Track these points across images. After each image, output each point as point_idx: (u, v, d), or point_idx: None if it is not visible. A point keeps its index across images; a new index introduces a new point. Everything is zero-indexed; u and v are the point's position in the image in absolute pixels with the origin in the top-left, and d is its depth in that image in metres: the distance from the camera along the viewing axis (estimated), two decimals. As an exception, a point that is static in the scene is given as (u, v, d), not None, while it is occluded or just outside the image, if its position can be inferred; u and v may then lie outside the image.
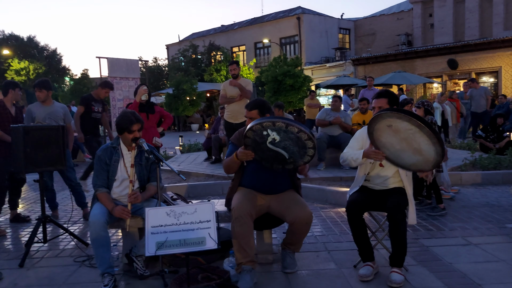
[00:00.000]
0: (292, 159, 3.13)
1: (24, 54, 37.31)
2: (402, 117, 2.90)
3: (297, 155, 3.10)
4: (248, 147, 3.13)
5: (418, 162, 3.02)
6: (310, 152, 3.06)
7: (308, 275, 3.28)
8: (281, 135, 2.97)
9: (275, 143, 3.01)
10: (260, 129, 2.98)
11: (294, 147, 3.04)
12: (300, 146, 3.02)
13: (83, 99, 6.02)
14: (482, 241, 3.83)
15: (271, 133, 2.97)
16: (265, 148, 3.07)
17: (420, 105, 5.15)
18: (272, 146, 3.03)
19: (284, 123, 2.92)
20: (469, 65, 21.51)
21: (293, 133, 2.95)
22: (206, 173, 7.16)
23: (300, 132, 2.93)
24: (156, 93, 29.65)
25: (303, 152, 3.07)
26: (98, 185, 3.41)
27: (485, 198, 5.43)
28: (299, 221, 3.22)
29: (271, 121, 2.94)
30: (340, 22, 31.66)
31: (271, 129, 2.96)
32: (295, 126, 2.92)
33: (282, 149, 3.05)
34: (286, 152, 3.07)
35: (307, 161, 3.16)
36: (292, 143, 3.01)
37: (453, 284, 2.98)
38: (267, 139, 3.00)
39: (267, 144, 3.03)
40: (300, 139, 2.98)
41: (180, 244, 2.72)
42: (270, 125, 2.95)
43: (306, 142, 2.99)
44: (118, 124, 3.44)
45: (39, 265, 3.74)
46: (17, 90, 4.85)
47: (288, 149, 3.05)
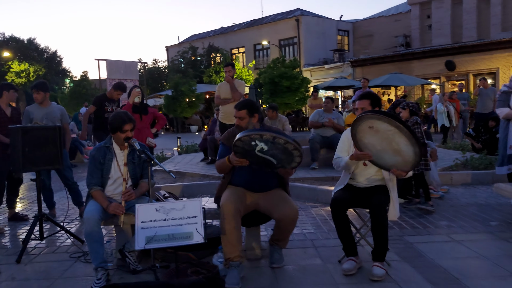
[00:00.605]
0: (280, 165, 3.26)
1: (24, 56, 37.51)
2: (382, 118, 3.03)
3: (285, 162, 3.22)
4: (238, 154, 3.25)
5: (397, 163, 3.15)
6: (297, 159, 3.18)
7: (295, 270, 3.40)
8: (269, 145, 3.09)
9: (264, 151, 3.13)
10: (248, 140, 3.10)
11: (281, 155, 3.16)
12: (287, 154, 3.15)
13: (96, 99, 6.23)
14: (466, 238, 3.95)
15: (259, 144, 3.08)
16: (254, 155, 3.19)
17: (405, 107, 5.26)
18: (260, 154, 3.16)
19: (271, 136, 3.03)
20: (466, 66, 21.63)
21: (280, 144, 3.06)
22: (201, 173, 7.28)
23: (287, 143, 3.05)
24: (155, 94, 29.83)
25: (290, 159, 3.19)
26: (93, 183, 3.54)
27: (474, 198, 5.55)
28: (285, 218, 3.34)
29: (258, 134, 3.05)
30: (338, 23, 31.81)
31: (258, 140, 3.08)
32: (281, 138, 3.03)
33: (270, 156, 3.17)
34: (274, 159, 3.20)
35: (295, 166, 3.29)
36: (279, 152, 3.13)
37: (433, 278, 3.10)
38: (255, 148, 3.13)
39: (256, 152, 3.15)
40: (287, 149, 3.10)
41: (169, 239, 2.84)
42: (257, 137, 3.06)
43: (293, 152, 3.11)
44: (110, 123, 3.56)
45: (36, 261, 3.86)
46: (12, 92, 4.98)
47: (276, 156, 3.18)
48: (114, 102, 6.15)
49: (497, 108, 5.39)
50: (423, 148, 4.95)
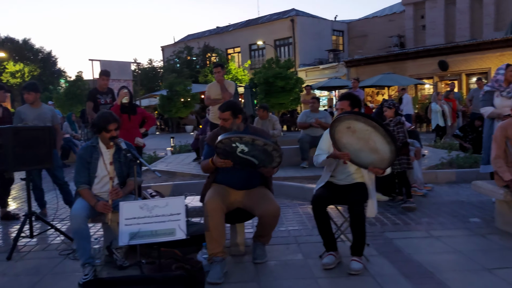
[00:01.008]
0: (262, 164, 3.38)
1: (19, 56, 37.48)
2: (359, 118, 3.16)
3: (266, 162, 3.34)
4: (220, 155, 3.36)
5: (375, 161, 3.27)
6: (277, 159, 3.30)
7: (276, 265, 3.52)
8: (249, 147, 3.20)
9: (244, 152, 3.24)
10: (229, 142, 3.21)
11: (262, 156, 3.28)
12: (267, 155, 3.27)
13: (88, 94, 6.37)
14: (444, 234, 4.07)
15: (240, 145, 3.20)
16: (236, 156, 3.30)
17: (391, 106, 5.37)
18: (242, 155, 3.27)
19: (250, 138, 3.14)
20: (459, 66, 21.80)
21: (259, 146, 3.18)
22: (192, 173, 7.39)
23: (266, 145, 3.16)
24: (150, 94, 29.88)
25: (270, 159, 3.31)
26: (80, 182, 3.64)
27: (456, 196, 5.68)
28: (267, 214, 3.45)
29: (238, 137, 3.16)
30: (333, 24, 31.99)
31: (239, 143, 3.19)
32: (260, 140, 3.14)
33: (251, 157, 3.29)
34: (256, 159, 3.31)
35: (275, 166, 3.40)
36: (259, 152, 3.25)
37: (408, 272, 3.22)
38: (236, 150, 3.24)
39: (237, 153, 3.27)
40: (266, 150, 3.21)
41: (152, 235, 2.95)
42: (237, 139, 3.18)
43: (272, 152, 3.23)
44: (95, 124, 3.66)
45: (27, 258, 3.96)
46: (2, 92, 5.07)
47: (257, 157, 3.29)
48: (107, 94, 6.26)
49: (482, 108, 5.52)
50: (401, 146, 5.08)
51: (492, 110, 5.19)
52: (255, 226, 3.70)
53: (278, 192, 6.07)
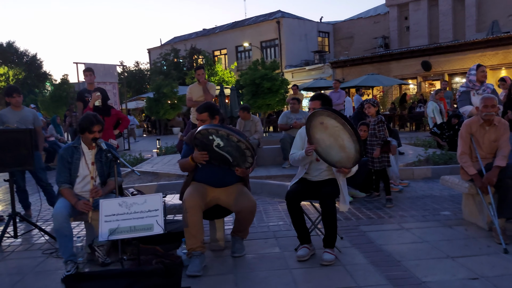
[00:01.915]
0: (235, 163, 3.52)
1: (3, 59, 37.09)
2: (330, 114, 3.32)
3: (239, 160, 3.48)
4: (198, 147, 3.50)
5: (342, 159, 3.44)
6: (249, 159, 3.45)
7: (254, 258, 3.66)
8: (224, 142, 3.35)
9: (220, 147, 3.39)
10: (206, 134, 3.35)
11: (236, 153, 3.42)
12: (240, 153, 3.41)
13: (77, 94, 6.45)
14: (414, 226, 4.26)
15: (216, 139, 3.34)
16: (212, 150, 3.44)
17: (375, 104, 5.55)
18: (217, 149, 3.41)
19: (226, 132, 3.30)
20: (442, 66, 22.22)
21: (233, 142, 3.33)
22: (177, 174, 7.49)
23: (239, 142, 3.31)
24: (137, 97, 29.82)
25: (243, 158, 3.46)
26: (61, 181, 3.74)
27: (430, 190, 5.89)
28: (243, 210, 3.59)
29: (215, 129, 3.31)
30: (319, 25, 32.28)
31: (215, 135, 3.33)
32: (234, 136, 3.29)
33: (226, 153, 3.43)
34: (230, 156, 3.46)
35: (248, 167, 3.54)
36: (233, 149, 3.40)
37: (377, 261, 3.39)
38: (213, 143, 3.38)
39: (214, 147, 3.40)
40: (239, 148, 3.36)
41: (131, 230, 3.07)
42: (214, 132, 3.32)
43: (245, 151, 3.38)
44: (80, 124, 3.78)
45: (10, 258, 4.04)
46: None
47: (231, 154, 3.44)
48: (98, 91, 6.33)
49: (461, 108, 5.73)
50: (383, 144, 5.26)
51: (472, 108, 5.40)
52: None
53: (260, 190, 6.26)
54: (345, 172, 3.50)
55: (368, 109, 5.53)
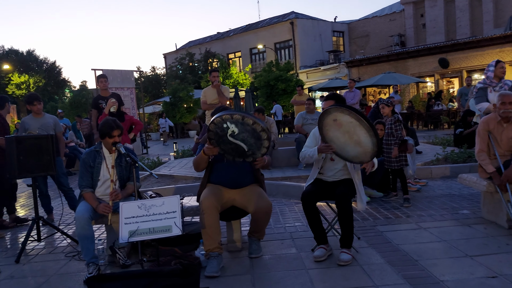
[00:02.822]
0: (250, 151, 3.49)
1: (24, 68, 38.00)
2: (344, 111, 3.33)
3: (255, 147, 3.46)
4: (212, 140, 3.53)
5: (359, 154, 3.44)
6: (265, 143, 3.41)
7: (270, 258, 3.69)
8: (239, 127, 3.35)
9: (235, 135, 3.39)
10: (220, 121, 3.36)
11: (251, 139, 3.40)
12: (256, 137, 3.39)
13: (92, 102, 6.60)
14: (432, 225, 4.23)
15: (230, 125, 3.35)
16: (226, 140, 3.44)
17: (389, 104, 5.53)
18: (232, 139, 3.41)
19: (240, 116, 3.30)
20: (460, 63, 21.91)
21: (248, 125, 3.31)
22: (194, 176, 7.57)
23: (255, 123, 3.30)
24: (154, 101, 30.17)
25: (259, 143, 3.42)
26: (83, 185, 3.85)
27: (448, 189, 5.82)
28: (259, 211, 3.63)
29: (229, 114, 3.33)
30: (333, 25, 32.18)
31: (230, 122, 3.34)
32: (250, 118, 3.30)
33: (241, 141, 3.42)
34: (245, 144, 3.44)
35: (264, 152, 3.51)
36: (249, 135, 3.37)
37: (394, 260, 3.39)
38: (227, 132, 3.39)
39: (228, 137, 3.42)
40: (255, 131, 3.34)
41: (150, 232, 3.14)
42: (228, 117, 3.32)
43: (261, 134, 3.35)
44: (100, 130, 3.88)
45: (34, 261, 4.16)
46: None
47: (246, 141, 3.42)
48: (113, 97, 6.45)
49: (477, 104, 5.67)
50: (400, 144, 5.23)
51: (489, 105, 5.34)
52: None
53: (276, 191, 6.29)
54: (367, 167, 3.49)
55: (383, 110, 5.50)
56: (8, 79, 34.64)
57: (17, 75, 34.31)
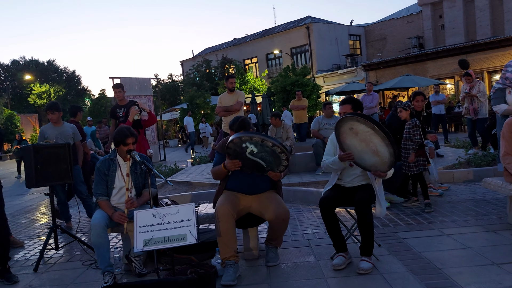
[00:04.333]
0: (269, 168, 3.51)
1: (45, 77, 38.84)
2: (359, 120, 3.24)
3: (274, 164, 3.47)
4: (230, 156, 3.51)
5: (376, 163, 3.34)
6: (284, 163, 3.43)
7: (288, 267, 3.61)
8: (258, 148, 3.35)
9: (254, 154, 3.39)
10: (239, 141, 3.36)
11: (270, 157, 3.41)
12: (275, 157, 3.40)
13: (110, 111, 6.67)
14: (456, 231, 4.07)
15: (249, 146, 3.35)
16: (245, 157, 3.45)
17: (407, 108, 5.38)
18: (251, 156, 3.42)
19: (260, 138, 3.30)
20: (481, 64, 21.44)
21: (268, 147, 3.32)
22: (211, 183, 7.54)
23: (274, 146, 3.30)
24: (171, 108, 30.42)
25: (278, 162, 3.44)
26: (98, 193, 3.84)
27: (472, 194, 5.63)
28: (276, 218, 3.55)
29: (248, 136, 3.32)
30: (350, 28, 31.96)
31: (249, 142, 3.33)
32: (269, 141, 3.29)
33: (260, 159, 3.43)
34: (264, 162, 3.45)
35: (282, 170, 3.53)
36: (267, 154, 3.39)
37: (416, 269, 3.26)
38: (246, 150, 3.38)
39: (247, 155, 3.41)
40: (274, 152, 3.35)
41: (165, 241, 3.10)
42: (247, 139, 3.33)
43: (280, 155, 3.37)
44: (114, 138, 3.88)
45: (52, 269, 4.17)
46: None
47: (265, 159, 3.43)
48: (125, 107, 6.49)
49: (494, 106, 5.48)
50: (418, 148, 5.08)
51: (507, 107, 5.16)
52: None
53: (293, 197, 6.20)
54: (381, 176, 3.40)
55: (400, 113, 5.35)
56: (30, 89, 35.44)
57: (38, 85, 35.10)
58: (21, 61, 42.08)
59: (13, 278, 3.85)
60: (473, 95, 8.28)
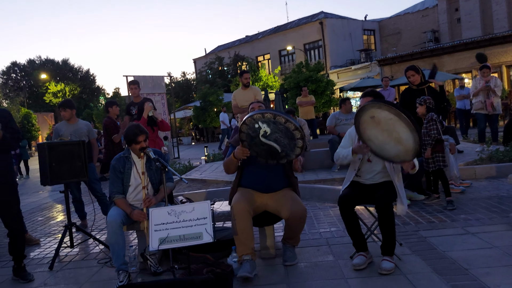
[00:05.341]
0: (284, 153, 3.35)
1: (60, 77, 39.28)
2: (382, 106, 3.10)
3: (288, 148, 3.31)
4: (244, 142, 3.40)
5: (400, 152, 3.19)
6: (299, 143, 3.26)
7: (306, 266, 3.50)
8: (271, 127, 3.21)
9: (267, 135, 3.26)
10: (252, 122, 3.24)
11: (284, 139, 3.26)
12: (289, 137, 3.24)
13: (126, 108, 6.65)
14: (481, 230, 3.92)
15: (262, 125, 3.22)
16: (258, 142, 3.31)
17: (422, 103, 5.20)
18: (264, 140, 3.28)
19: (272, 114, 3.17)
20: (498, 58, 20.97)
21: (281, 124, 3.17)
22: (225, 180, 7.47)
23: (287, 122, 3.16)
24: (184, 106, 30.50)
25: (293, 144, 3.27)
26: (114, 192, 3.78)
27: (496, 190, 5.45)
28: (293, 216, 3.45)
29: (260, 114, 3.20)
30: (364, 23, 31.59)
31: (261, 121, 3.21)
32: (282, 117, 3.16)
33: (274, 141, 3.28)
34: (278, 145, 3.30)
35: (298, 153, 3.35)
36: (282, 135, 3.24)
37: (441, 269, 3.12)
38: (259, 133, 3.26)
39: (260, 138, 3.28)
40: (288, 130, 3.19)
41: (180, 239, 3.02)
42: (260, 117, 3.20)
43: (294, 133, 3.20)
44: (125, 137, 3.82)
45: (67, 267, 4.14)
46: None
47: (279, 141, 3.28)
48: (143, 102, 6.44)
49: None
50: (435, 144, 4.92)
51: None
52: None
53: (309, 195, 6.08)
54: (409, 168, 3.24)
55: (416, 110, 5.17)
56: (46, 88, 35.88)
57: (53, 84, 35.51)
58: (37, 61, 42.66)
59: (28, 277, 3.82)
60: (492, 89, 8.03)
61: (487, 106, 8.13)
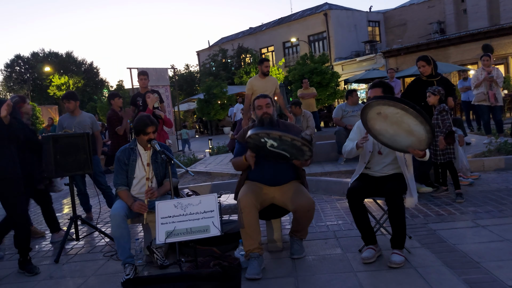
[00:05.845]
0: (294, 157, 3.35)
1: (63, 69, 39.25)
2: (387, 103, 3.03)
3: (297, 155, 3.31)
4: (252, 149, 3.37)
5: (413, 143, 3.12)
6: (308, 153, 3.25)
7: (314, 259, 3.46)
8: (277, 142, 3.18)
9: (274, 147, 3.23)
10: (257, 138, 3.20)
11: (292, 150, 3.25)
12: (297, 149, 3.22)
13: (131, 98, 6.60)
14: (491, 223, 3.86)
15: (268, 140, 3.18)
16: (267, 150, 3.30)
17: (436, 93, 5.10)
18: (272, 149, 3.26)
19: (277, 134, 3.11)
20: (505, 49, 20.74)
21: (287, 141, 3.14)
22: (230, 173, 7.42)
23: (294, 140, 3.11)
24: (188, 99, 30.42)
25: (301, 153, 3.27)
26: (118, 183, 3.75)
27: (505, 183, 5.37)
28: (301, 209, 3.40)
29: (265, 133, 3.15)
30: (368, 15, 31.28)
31: (267, 138, 3.17)
32: (287, 136, 3.10)
33: (282, 150, 3.26)
34: (287, 153, 3.29)
35: (308, 158, 3.36)
36: (289, 147, 3.22)
37: (452, 262, 3.07)
38: (266, 144, 3.23)
39: (268, 147, 3.25)
40: (295, 145, 3.17)
41: (187, 232, 2.98)
42: (265, 135, 3.16)
43: (302, 147, 3.18)
44: (134, 127, 3.77)
45: (73, 260, 4.12)
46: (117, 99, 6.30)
47: (288, 151, 3.27)
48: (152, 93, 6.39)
49: None
50: (447, 135, 4.84)
51: None
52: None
53: (315, 187, 6.02)
54: (419, 155, 3.18)
55: (428, 98, 5.07)
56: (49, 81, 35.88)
57: (57, 77, 35.47)
58: (41, 53, 42.65)
59: (34, 270, 3.80)
60: (495, 80, 7.90)
61: (490, 98, 8.01)
